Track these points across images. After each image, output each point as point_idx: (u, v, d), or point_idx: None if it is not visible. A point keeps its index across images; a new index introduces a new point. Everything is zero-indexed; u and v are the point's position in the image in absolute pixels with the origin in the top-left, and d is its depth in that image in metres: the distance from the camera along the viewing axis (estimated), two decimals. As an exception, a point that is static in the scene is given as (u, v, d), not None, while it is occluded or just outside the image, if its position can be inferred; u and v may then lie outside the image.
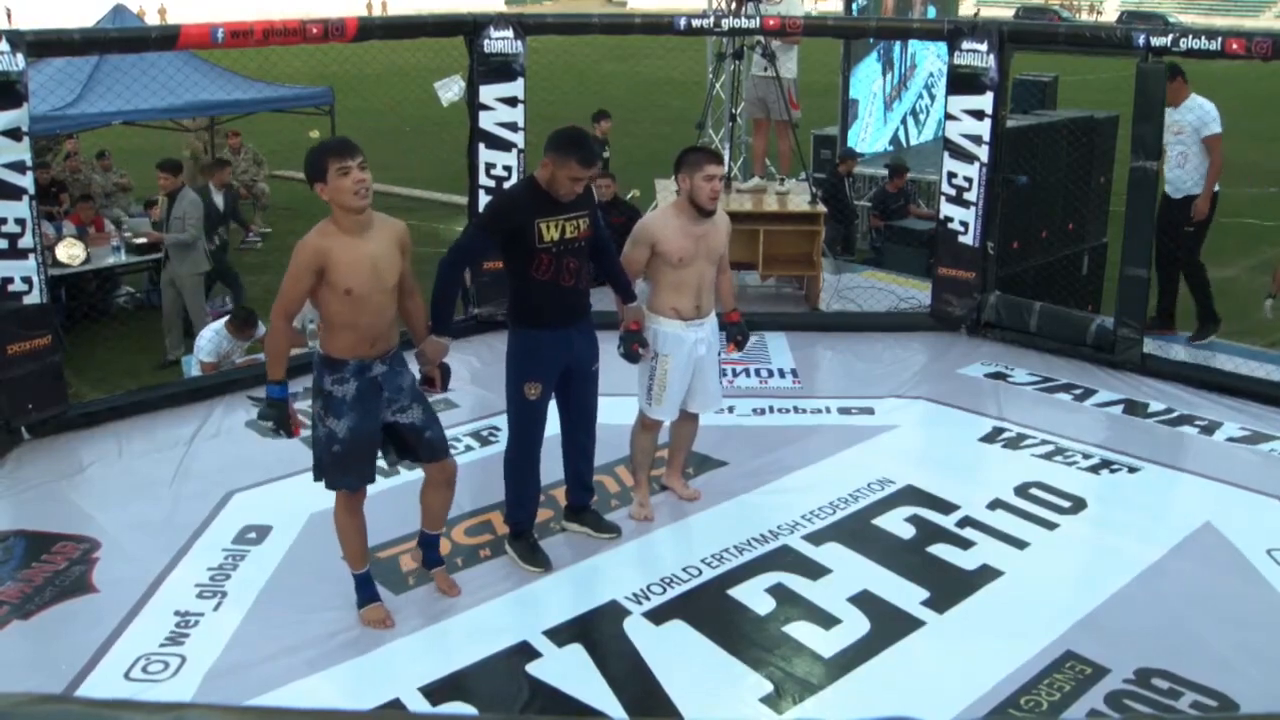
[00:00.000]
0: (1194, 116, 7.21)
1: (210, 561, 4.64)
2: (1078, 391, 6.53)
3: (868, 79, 12.23)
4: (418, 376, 4.23)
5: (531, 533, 4.66)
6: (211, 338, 7.34)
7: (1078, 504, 5.14)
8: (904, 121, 13.17)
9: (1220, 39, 6.21)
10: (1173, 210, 7.29)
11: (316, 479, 4.08)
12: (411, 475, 5.32)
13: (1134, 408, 6.31)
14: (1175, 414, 6.19)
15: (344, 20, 6.48)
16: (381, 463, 4.24)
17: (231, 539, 4.84)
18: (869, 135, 12.36)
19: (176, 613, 4.25)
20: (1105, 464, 5.57)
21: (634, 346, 4.63)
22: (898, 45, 12.44)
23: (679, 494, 5.18)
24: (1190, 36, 6.39)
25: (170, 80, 9.30)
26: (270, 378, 3.95)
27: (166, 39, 6.05)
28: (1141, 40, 6.49)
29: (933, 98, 13.06)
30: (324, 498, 5.01)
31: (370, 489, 5.26)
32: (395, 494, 4.77)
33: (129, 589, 4.40)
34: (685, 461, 5.28)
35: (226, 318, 7.49)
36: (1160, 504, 5.20)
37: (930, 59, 12.97)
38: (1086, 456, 5.64)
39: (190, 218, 8.59)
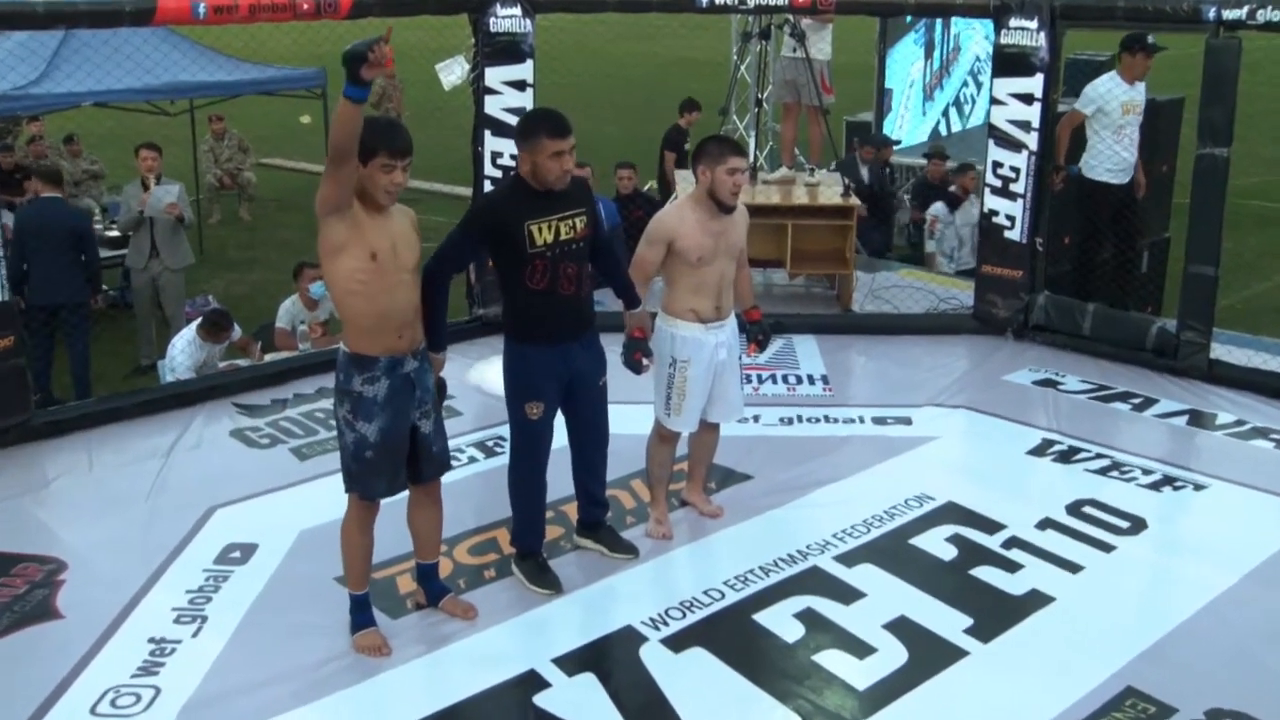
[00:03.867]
0: (1143, 97, 7.49)
1: (189, 583, 4.63)
2: (1137, 400, 6.49)
3: (905, 64, 12.10)
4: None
5: (540, 553, 4.64)
6: (185, 349, 7.29)
7: (1137, 524, 5.10)
8: (945, 114, 13.00)
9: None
10: (1115, 196, 7.57)
11: (348, 489, 4.09)
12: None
13: (1200, 419, 6.26)
14: (1247, 426, 6.13)
15: (338, -5, 6.47)
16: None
17: (213, 558, 4.83)
18: (906, 126, 12.27)
19: (151, 640, 4.24)
20: (1168, 480, 5.53)
21: (636, 355, 4.56)
22: (939, 26, 12.35)
23: (700, 510, 5.16)
24: (1270, 7, 6.23)
25: (146, 59, 9.23)
26: None
27: (142, 13, 6.03)
28: (1212, 13, 6.41)
29: (979, 86, 12.81)
30: (314, 514, 5.05)
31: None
32: (393, 509, 4.72)
33: (98, 614, 4.38)
34: (707, 475, 5.26)
35: (197, 322, 7.46)
36: (1230, 525, 5.15)
37: (976, 41, 12.72)
38: (1147, 472, 5.60)
39: (182, 202, 8.61)
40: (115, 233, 9.66)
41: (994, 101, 7.38)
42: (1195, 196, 6.71)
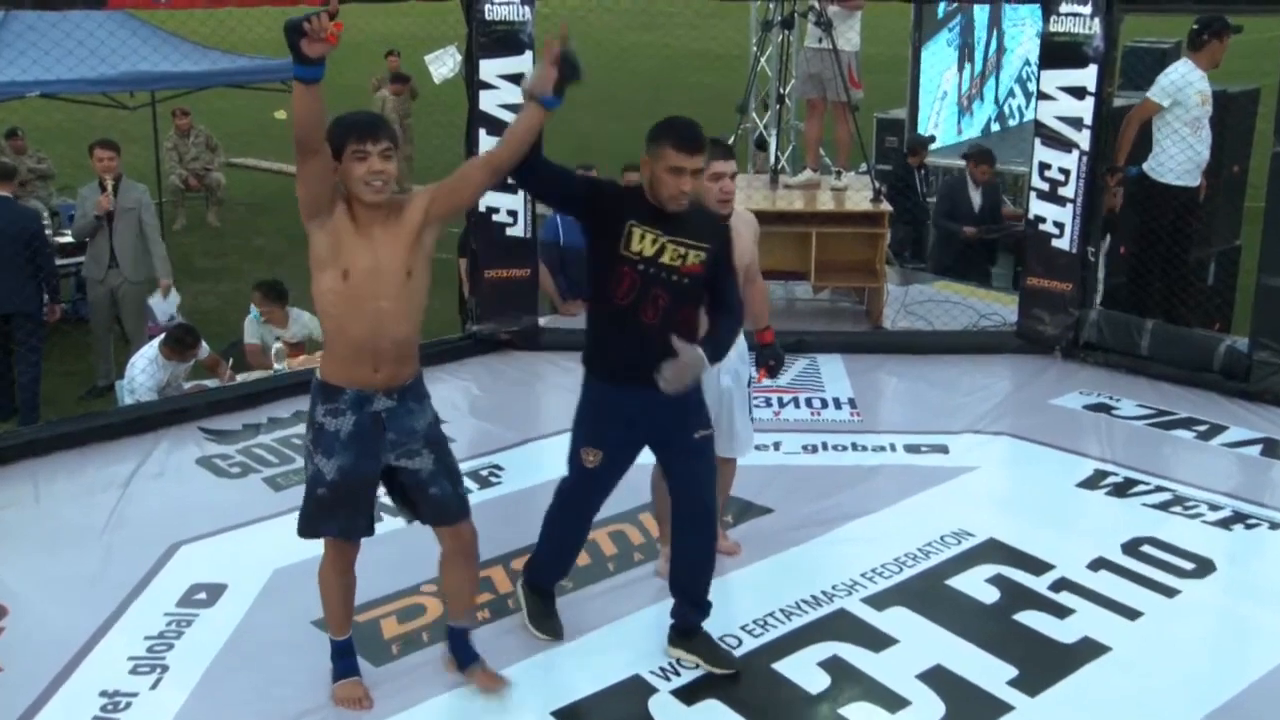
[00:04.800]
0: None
1: (149, 628, 4.63)
2: (1202, 427, 6.49)
3: (935, 71, 11.86)
4: (436, 419, 4.10)
5: (552, 590, 4.62)
6: (146, 368, 7.30)
7: (1204, 566, 5.09)
8: (987, 130, 12.77)
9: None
10: (1180, 199, 7.62)
11: (301, 532, 4.04)
12: (396, 523, 5.32)
13: (1276, 449, 6.25)
14: (1331, 457, 6.13)
15: (316, -21, 6.53)
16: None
17: (176, 601, 4.83)
18: (940, 131, 12.15)
19: (103, 693, 4.23)
20: (1239, 517, 5.51)
21: None
22: (978, 24, 12.17)
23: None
24: None
25: (101, 45, 9.21)
26: None
27: (96, -6, 6.09)
28: (1295, -9, 6.43)
29: (1029, 97, 12.28)
30: (289, 551, 5.02)
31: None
32: (377, 545, 4.71)
33: (43, 665, 4.36)
34: (723, 508, 5.26)
35: (160, 338, 7.47)
36: (1311, 569, 5.14)
37: (1027, 38, 12.23)
38: (1214, 508, 5.59)
39: (147, 210, 8.62)
40: (69, 239, 9.69)
41: (1041, 96, 7.40)
42: (1271, 199, 6.72)
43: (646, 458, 4.99)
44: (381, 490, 4.08)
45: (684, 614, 4.43)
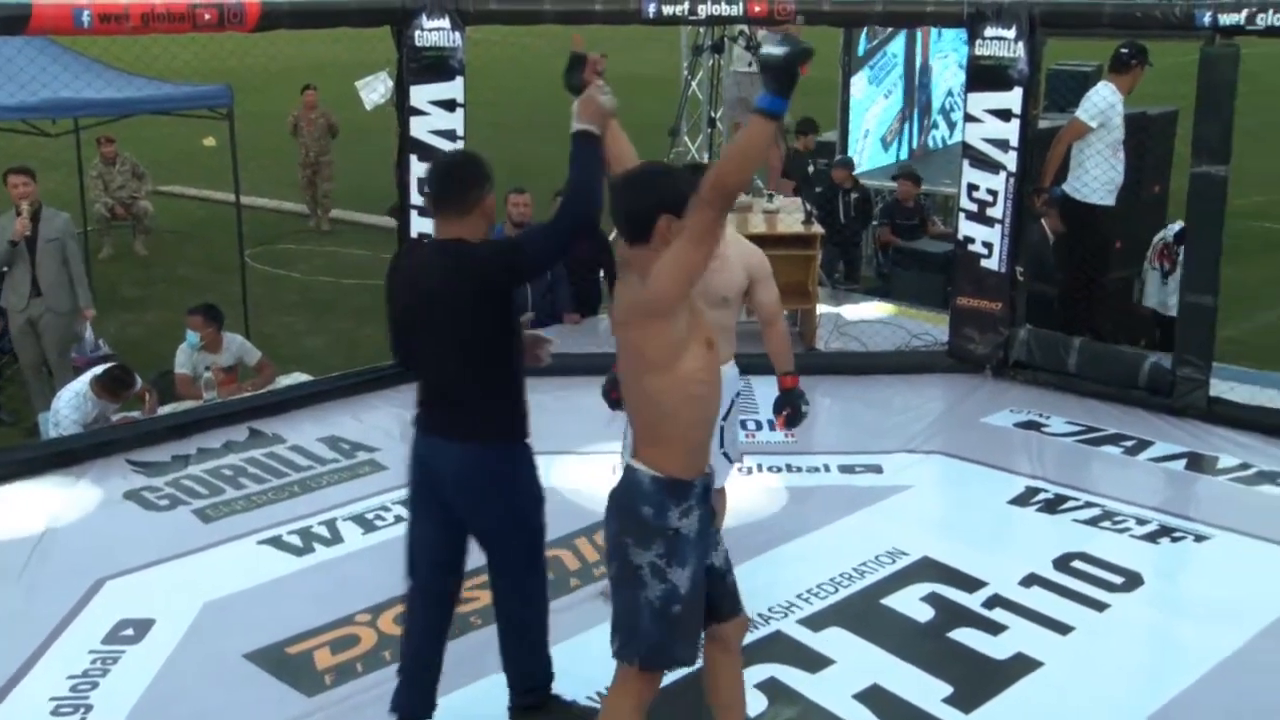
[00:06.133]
0: None
1: (72, 667, 4.55)
2: (1129, 443, 6.58)
3: (858, 109, 11.95)
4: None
5: None
6: (72, 400, 7.13)
7: (1132, 580, 5.15)
8: (912, 154, 12.94)
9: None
10: (1105, 219, 7.79)
11: (626, 656, 3.50)
12: (329, 552, 5.27)
13: (1200, 462, 6.35)
14: (1252, 470, 6.22)
15: (244, 4, 6.48)
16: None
17: (101, 637, 4.75)
18: (866, 158, 12.25)
19: (26, 734, 4.16)
20: (1165, 531, 5.59)
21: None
22: (899, 67, 12.23)
23: None
24: (1271, 11, 6.29)
25: (20, 71, 9.03)
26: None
27: (14, 20, 5.98)
28: (1207, 19, 6.52)
29: (952, 127, 12.57)
30: (220, 583, 4.98)
31: (282, 569, 5.19)
32: (311, 575, 4.69)
33: (-37, 705, 4.29)
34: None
35: (91, 374, 7.32)
36: (1236, 580, 5.19)
37: (950, 71, 12.41)
38: (1141, 522, 5.66)
39: (71, 239, 8.46)
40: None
41: (968, 118, 7.49)
42: (1191, 219, 6.83)
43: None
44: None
45: (529, 688, 4.18)
